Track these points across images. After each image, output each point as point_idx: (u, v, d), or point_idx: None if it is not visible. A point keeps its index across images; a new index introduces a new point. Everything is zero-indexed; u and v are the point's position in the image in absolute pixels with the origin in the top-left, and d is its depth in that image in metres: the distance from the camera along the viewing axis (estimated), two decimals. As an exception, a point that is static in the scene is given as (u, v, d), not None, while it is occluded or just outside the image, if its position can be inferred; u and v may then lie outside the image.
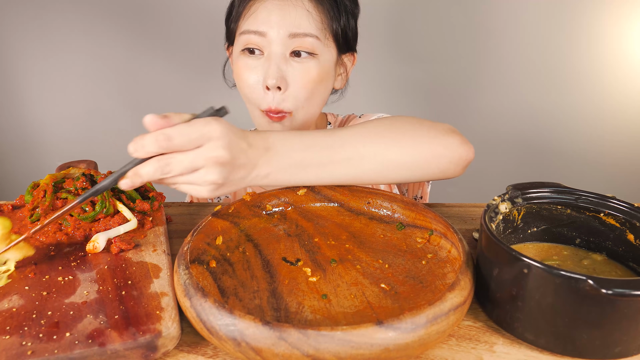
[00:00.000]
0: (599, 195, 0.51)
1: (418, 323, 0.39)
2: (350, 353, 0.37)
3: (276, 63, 0.73)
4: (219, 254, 0.55)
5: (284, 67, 0.73)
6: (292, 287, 0.49)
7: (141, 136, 0.48)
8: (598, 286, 0.37)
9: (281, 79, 0.73)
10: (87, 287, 0.48)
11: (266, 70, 0.73)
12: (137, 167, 0.48)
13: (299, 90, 0.75)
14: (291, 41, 0.73)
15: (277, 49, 0.73)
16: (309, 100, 0.76)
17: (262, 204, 0.63)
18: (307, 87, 0.75)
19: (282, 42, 0.73)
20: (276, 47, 0.73)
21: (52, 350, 0.39)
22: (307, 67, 0.74)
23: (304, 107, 0.76)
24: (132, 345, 0.40)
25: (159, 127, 0.48)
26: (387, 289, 0.49)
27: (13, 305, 0.45)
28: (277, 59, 0.73)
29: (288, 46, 0.73)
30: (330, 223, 0.62)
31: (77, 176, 0.62)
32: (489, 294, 0.46)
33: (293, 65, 0.74)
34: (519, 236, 0.54)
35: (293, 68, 0.74)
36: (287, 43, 0.73)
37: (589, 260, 0.51)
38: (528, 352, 0.43)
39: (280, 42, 0.73)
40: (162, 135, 0.47)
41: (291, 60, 0.74)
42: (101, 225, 0.58)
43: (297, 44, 0.73)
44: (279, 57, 0.73)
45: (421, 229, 0.59)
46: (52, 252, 0.54)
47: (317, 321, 0.44)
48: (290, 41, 0.73)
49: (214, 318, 0.40)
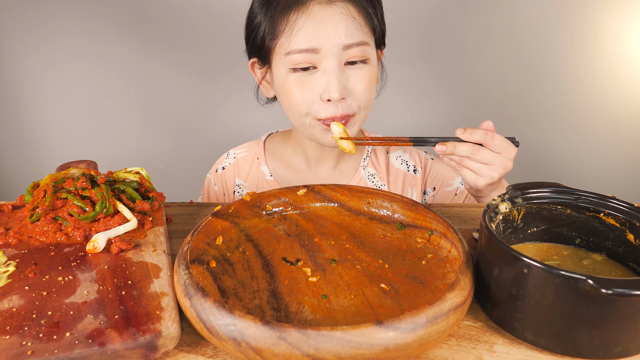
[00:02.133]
0: (599, 195, 0.51)
1: (418, 323, 0.39)
2: (350, 353, 0.37)
3: (336, 76, 0.72)
4: (219, 254, 0.55)
5: (342, 77, 0.74)
6: (292, 287, 0.49)
7: (473, 128, 0.66)
8: (598, 286, 0.37)
9: (343, 89, 0.73)
10: (87, 287, 0.48)
11: (326, 84, 0.73)
12: (457, 143, 0.66)
13: (361, 96, 0.76)
14: (345, 52, 0.73)
15: (333, 63, 0.72)
16: (369, 102, 0.79)
17: (262, 204, 0.63)
18: (367, 91, 0.77)
19: (337, 55, 0.72)
20: (331, 61, 0.72)
21: (52, 350, 0.39)
22: (363, 72, 0.75)
23: (365, 107, 0.78)
24: (132, 345, 0.40)
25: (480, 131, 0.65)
26: (387, 289, 0.49)
27: (13, 305, 0.45)
28: (336, 72, 0.73)
29: (342, 57, 0.73)
30: (330, 223, 0.62)
31: (77, 176, 0.62)
32: (489, 294, 0.46)
33: (350, 73, 0.75)
34: (519, 236, 0.54)
35: (351, 76, 0.75)
36: (341, 55, 0.73)
37: (589, 260, 0.51)
38: (528, 352, 0.43)
39: (334, 55, 0.72)
40: (491, 134, 0.65)
41: (347, 69, 0.75)
42: (101, 225, 0.58)
43: (352, 54, 0.73)
44: (337, 69, 0.73)
45: (421, 229, 0.59)
46: (52, 252, 0.54)
47: (317, 321, 0.44)
48: (344, 53, 0.73)
49: (214, 318, 0.40)
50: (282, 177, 0.93)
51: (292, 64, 0.73)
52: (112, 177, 0.65)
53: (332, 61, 0.72)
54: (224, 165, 0.97)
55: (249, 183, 0.95)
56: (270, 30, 0.75)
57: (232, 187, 0.96)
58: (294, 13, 0.72)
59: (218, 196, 0.98)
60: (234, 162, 0.96)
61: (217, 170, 0.97)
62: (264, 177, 0.93)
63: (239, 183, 0.95)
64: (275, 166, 0.94)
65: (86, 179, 0.62)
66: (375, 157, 0.94)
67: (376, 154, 0.94)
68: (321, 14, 0.71)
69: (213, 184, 0.98)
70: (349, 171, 0.93)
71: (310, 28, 0.71)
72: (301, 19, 0.71)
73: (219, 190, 0.97)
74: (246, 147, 0.98)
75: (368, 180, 0.92)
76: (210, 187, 0.98)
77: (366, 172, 0.92)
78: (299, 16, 0.71)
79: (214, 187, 0.98)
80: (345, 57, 0.73)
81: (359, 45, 0.73)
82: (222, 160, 0.98)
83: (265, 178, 0.93)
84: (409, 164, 0.94)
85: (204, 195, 1.00)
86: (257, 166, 0.94)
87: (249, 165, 0.95)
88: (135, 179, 0.66)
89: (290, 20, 0.72)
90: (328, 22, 0.71)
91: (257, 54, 0.81)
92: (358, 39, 0.73)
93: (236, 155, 0.97)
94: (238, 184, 0.95)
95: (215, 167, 0.98)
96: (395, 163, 0.94)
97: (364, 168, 0.92)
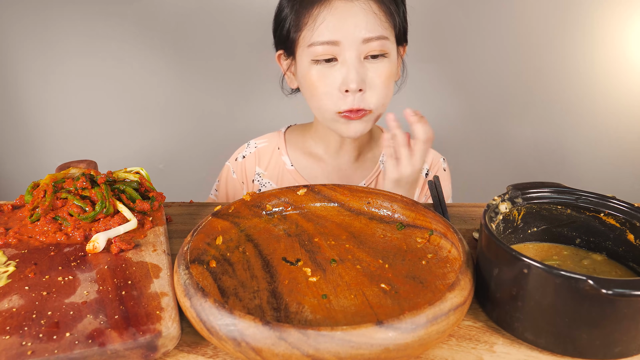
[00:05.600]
0: (599, 195, 0.51)
1: (418, 323, 0.39)
2: (350, 353, 0.37)
3: (354, 68, 0.75)
4: (219, 254, 0.55)
5: (361, 70, 0.76)
6: (292, 287, 0.49)
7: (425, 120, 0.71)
8: (598, 286, 0.37)
9: (361, 81, 0.76)
10: (87, 287, 0.48)
11: (345, 75, 0.76)
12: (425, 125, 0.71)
13: (379, 89, 0.78)
14: (365, 46, 0.75)
15: (352, 55, 0.75)
16: (386, 97, 0.80)
17: (262, 204, 0.63)
18: (385, 85, 0.78)
19: (357, 47, 0.75)
20: (351, 53, 0.75)
21: (52, 350, 0.39)
22: (382, 66, 0.77)
23: (382, 103, 0.80)
24: (132, 345, 0.40)
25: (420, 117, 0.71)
26: (387, 289, 0.49)
27: (13, 305, 0.45)
28: (354, 64, 0.76)
29: (362, 51, 0.76)
30: (330, 223, 0.62)
31: (77, 176, 0.62)
32: (489, 294, 0.46)
33: (368, 67, 0.77)
34: (519, 236, 0.54)
35: (370, 70, 0.77)
36: (360, 48, 0.75)
37: (589, 260, 0.51)
38: (528, 352, 0.43)
39: (354, 48, 0.75)
40: (432, 131, 0.72)
41: (366, 62, 0.77)
42: (101, 225, 0.58)
43: (371, 48, 0.76)
44: (355, 61, 0.76)
45: (421, 229, 0.59)
46: (52, 252, 0.54)
47: (317, 321, 0.44)
48: (364, 46, 0.75)
49: (214, 318, 0.40)
50: (304, 166, 0.94)
51: (314, 55, 0.77)
52: (112, 177, 0.65)
53: (352, 53, 0.75)
54: (244, 154, 0.98)
55: (270, 172, 0.96)
56: (295, 23, 0.79)
57: (252, 175, 0.97)
58: (317, 7, 0.76)
59: (236, 185, 0.98)
60: (255, 151, 0.97)
61: (237, 159, 0.98)
62: (285, 166, 0.94)
63: (259, 172, 0.96)
64: (296, 156, 0.95)
65: (86, 179, 0.62)
66: None
67: None
68: (343, 8, 0.75)
69: (232, 172, 0.98)
70: (369, 163, 0.94)
71: (332, 22, 0.75)
72: (323, 12, 0.75)
73: (238, 178, 0.98)
74: (267, 137, 0.99)
75: None
76: (229, 176, 0.99)
77: None
78: (321, 10, 0.75)
79: (232, 175, 0.98)
80: (365, 50, 0.76)
81: (378, 40, 0.76)
82: (242, 149, 0.99)
83: (286, 168, 0.94)
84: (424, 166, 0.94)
85: (221, 183, 1.00)
86: (277, 156, 0.95)
87: (270, 155, 0.96)
88: (135, 179, 0.66)
89: (314, 13, 0.76)
90: (349, 17, 0.74)
91: (283, 45, 0.84)
92: (378, 33, 0.75)
93: (257, 145, 0.98)
94: (258, 172, 0.96)
95: (235, 156, 0.99)
96: None
97: (383, 163, 0.93)
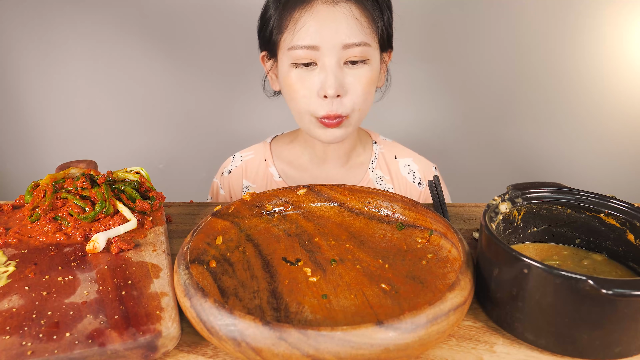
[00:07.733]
0: (599, 195, 0.51)
1: (418, 323, 0.39)
2: (350, 353, 0.37)
3: (333, 73, 0.74)
4: (219, 254, 0.55)
5: (339, 75, 0.75)
6: (292, 287, 0.49)
7: None
8: (598, 286, 0.37)
9: (339, 87, 0.75)
10: (87, 287, 0.48)
11: (323, 80, 0.75)
12: None
13: (357, 96, 0.77)
14: (345, 52, 0.74)
15: (332, 60, 0.74)
16: (365, 103, 0.79)
17: (262, 204, 0.63)
18: (364, 92, 0.77)
19: (336, 53, 0.74)
20: (330, 59, 0.74)
21: (52, 350, 0.39)
22: (361, 73, 0.76)
23: (361, 109, 0.79)
24: (132, 345, 0.40)
25: None
26: (387, 289, 0.49)
27: (13, 305, 0.45)
28: (334, 69, 0.74)
29: (342, 56, 0.75)
30: (330, 223, 0.62)
31: (77, 176, 0.62)
32: (489, 294, 0.46)
33: (348, 72, 0.76)
34: (519, 236, 0.54)
35: (348, 75, 0.76)
36: (340, 54, 0.74)
37: (589, 260, 0.51)
38: (528, 352, 0.43)
39: (334, 53, 0.74)
40: None
41: (345, 68, 0.76)
42: (101, 225, 0.58)
43: (351, 54, 0.75)
44: (335, 67, 0.75)
45: (421, 229, 0.59)
46: (52, 252, 0.54)
47: (317, 321, 0.44)
48: (344, 52, 0.74)
49: (214, 318, 0.40)
50: (291, 177, 0.93)
51: (294, 59, 0.76)
52: (112, 177, 0.65)
53: (331, 59, 0.74)
54: (230, 169, 0.96)
55: (258, 185, 0.94)
56: (278, 25, 0.78)
57: (239, 189, 0.95)
58: (299, 10, 0.74)
59: (226, 200, 0.97)
60: (242, 164, 0.96)
61: (223, 173, 0.97)
62: (273, 178, 0.93)
63: (246, 185, 0.95)
64: (283, 167, 0.94)
65: (86, 179, 0.62)
66: (384, 160, 0.93)
67: (384, 156, 0.94)
68: (324, 13, 0.73)
69: (219, 188, 0.97)
70: (357, 171, 0.93)
71: (313, 26, 0.73)
72: (305, 16, 0.74)
73: (226, 194, 0.97)
74: (252, 149, 0.97)
75: (376, 183, 0.91)
76: (218, 193, 0.98)
77: (374, 174, 0.92)
78: (303, 14, 0.74)
79: (220, 192, 0.97)
80: (345, 56, 0.75)
81: (359, 46, 0.74)
82: (227, 163, 0.97)
83: (274, 179, 0.93)
84: (416, 175, 0.93)
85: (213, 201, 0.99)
86: (265, 168, 0.94)
87: (257, 167, 0.95)
88: (135, 178, 0.66)
89: (295, 16, 0.75)
90: (330, 22, 0.73)
91: (266, 46, 0.84)
92: (359, 39, 0.74)
93: (243, 157, 0.96)
94: (246, 186, 0.95)
95: (220, 171, 0.98)
96: (402, 170, 0.93)
97: (372, 170, 0.92)
